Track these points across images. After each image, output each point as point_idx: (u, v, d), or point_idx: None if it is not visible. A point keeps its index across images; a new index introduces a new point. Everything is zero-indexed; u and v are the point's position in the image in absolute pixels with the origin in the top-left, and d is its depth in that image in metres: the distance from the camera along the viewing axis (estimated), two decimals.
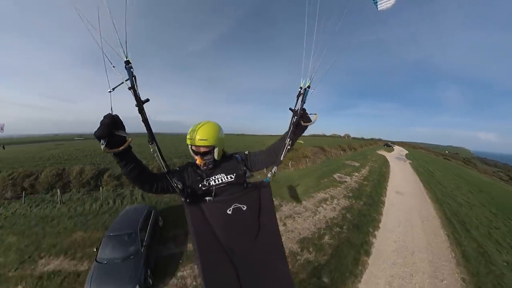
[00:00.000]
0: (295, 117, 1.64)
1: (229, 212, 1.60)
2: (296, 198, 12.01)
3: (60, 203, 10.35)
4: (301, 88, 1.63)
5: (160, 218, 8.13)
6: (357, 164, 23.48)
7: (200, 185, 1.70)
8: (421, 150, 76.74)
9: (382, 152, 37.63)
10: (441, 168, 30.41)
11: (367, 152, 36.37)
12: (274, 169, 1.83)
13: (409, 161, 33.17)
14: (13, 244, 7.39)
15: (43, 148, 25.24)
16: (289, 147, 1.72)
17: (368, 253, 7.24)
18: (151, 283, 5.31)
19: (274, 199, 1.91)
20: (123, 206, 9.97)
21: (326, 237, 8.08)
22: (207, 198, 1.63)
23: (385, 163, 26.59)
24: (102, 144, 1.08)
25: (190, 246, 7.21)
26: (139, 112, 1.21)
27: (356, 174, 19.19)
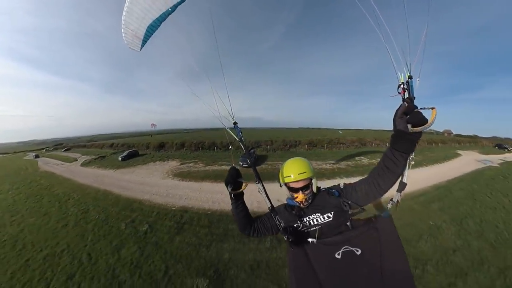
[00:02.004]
0: (428, 121, 1.08)
1: (338, 257, 1.35)
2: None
3: (216, 152, 27.43)
4: (402, 83, 1.29)
5: (256, 150, 23.61)
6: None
7: (295, 226, 1.61)
8: None
9: (468, 152, 33.31)
10: None
11: (433, 150, 34.60)
12: (397, 196, 1.41)
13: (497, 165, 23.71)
14: (203, 160, 23.14)
15: (179, 135, 47.46)
16: (412, 162, 1.28)
17: None
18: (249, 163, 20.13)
19: None
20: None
21: None
22: (310, 239, 1.48)
23: (439, 160, 23.92)
24: (230, 187, 1.57)
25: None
26: (247, 157, 1.88)
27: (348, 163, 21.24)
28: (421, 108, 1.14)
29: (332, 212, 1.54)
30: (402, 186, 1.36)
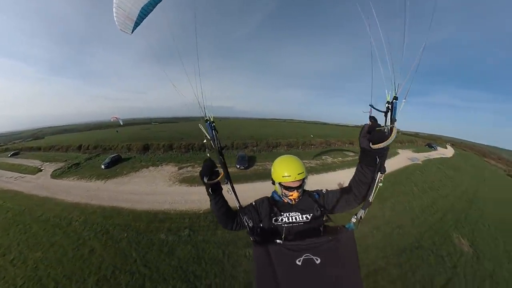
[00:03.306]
0: (387, 139, 1.32)
1: (299, 263, 1.48)
2: None
3: (206, 152, 32.38)
4: (387, 102, 1.43)
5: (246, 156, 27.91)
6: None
7: (272, 220, 1.78)
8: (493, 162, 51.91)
9: (405, 151, 39.24)
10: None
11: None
12: (361, 213, 1.65)
13: (420, 162, 31.70)
14: (197, 162, 26.71)
15: (138, 129, 49.63)
16: (380, 184, 1.51)
17: None
18: (247, 165, 24.53)
19: None
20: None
21: None
22: (276, 240, 1.60)
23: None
24: (205, 179, 1.64)
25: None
26: (219, 156, 1.85)
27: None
28: (382, 127, 1.37)
29: (311, 214, 1.75)
30: (367, 204, 1.62)
